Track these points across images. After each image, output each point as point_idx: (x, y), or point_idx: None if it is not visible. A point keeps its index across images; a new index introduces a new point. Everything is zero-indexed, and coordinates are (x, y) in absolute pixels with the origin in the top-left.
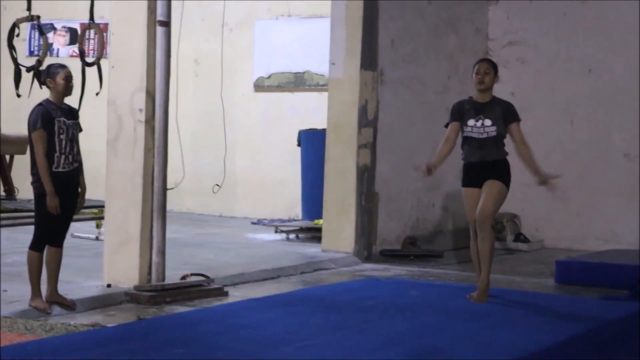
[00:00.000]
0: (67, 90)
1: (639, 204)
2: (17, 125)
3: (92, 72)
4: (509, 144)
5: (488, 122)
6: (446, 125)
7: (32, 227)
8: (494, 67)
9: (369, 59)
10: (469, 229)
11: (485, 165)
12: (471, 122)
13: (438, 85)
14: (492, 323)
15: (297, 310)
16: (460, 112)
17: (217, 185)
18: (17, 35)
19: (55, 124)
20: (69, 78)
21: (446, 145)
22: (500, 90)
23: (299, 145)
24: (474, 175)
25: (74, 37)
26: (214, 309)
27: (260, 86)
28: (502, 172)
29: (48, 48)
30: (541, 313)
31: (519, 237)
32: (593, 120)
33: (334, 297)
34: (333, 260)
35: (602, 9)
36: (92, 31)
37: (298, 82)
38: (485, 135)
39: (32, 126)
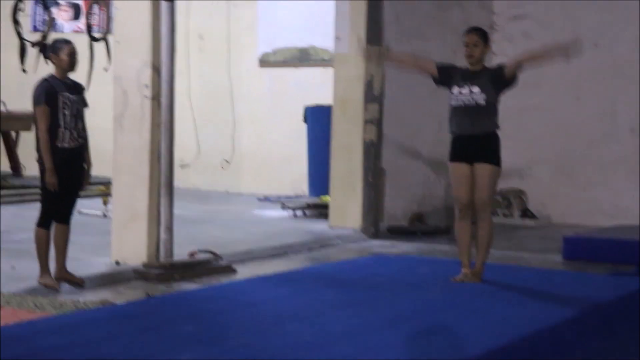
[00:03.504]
0: (71, 66)
1: None
2: (23, 102)
3: (98, 47)
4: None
5: (476, 88)
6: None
7: (39, 204)
8: (483, 37)
9: (374, 34)
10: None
11: (475, 140)
12: (455, 89)
13: (444, 60)
14: (500, 299)
15: (305, 287)
16: (449, 73)
17: (226, 161)
18: (22, 10)
19: (59, 99)
20: (73, 54)
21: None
22: None
23: (304, 121)
24: (462, 150)
25: (78, 12)
26: (223, 286)
27: (265, 61)
28: (492, 151)
29: (52, 23)
30: (549, 289)
31: (526, 213)
32: (599, 95)
33: (342, 273)
34: (340, 237)
35: None
36: (97, 6)
37: (303, 57)
38: (473, 103)
39: (35, 101)
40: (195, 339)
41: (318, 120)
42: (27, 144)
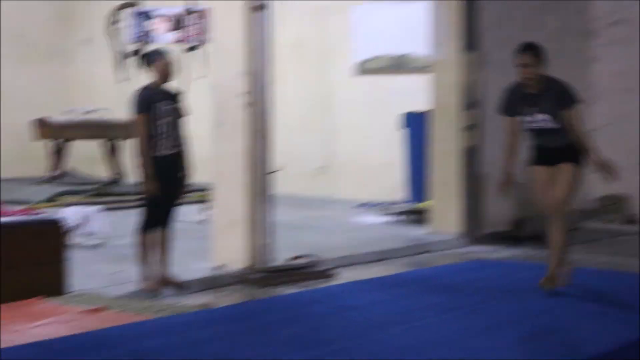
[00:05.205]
0: (168, 75)
1: None
2: (125, 110)
3: (195, 57)
4: None
5: (545, 116)
6: (500, 113)
7: (140, 210)
8: (537, 55)
9: (472, 40)
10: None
11: (556, 149)
12: (526, 118)
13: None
14: (607, 304)
15: (405, 291)
16: (512, 105)
17: (321, 167)
18: (118, 22)
19: (156, 108)
20: (169, 63)
21: (511, 143)
22: (604, 71)
23: (403, 127)
24: (543, 155)
25: (175, 23)
26: (322, 291)
27: (362, 69)
28: (575, 153)
29: (149, 34)
30: None
31: (629, 218)
32: None
33: (442, 278)
34: (440, 243)
35: None
36: (194, 16)
37: (400, 64)
38: (546, 126)
39: (134, 110)
40: (295, 343)
41: (416, 126)
42: (129, 152)
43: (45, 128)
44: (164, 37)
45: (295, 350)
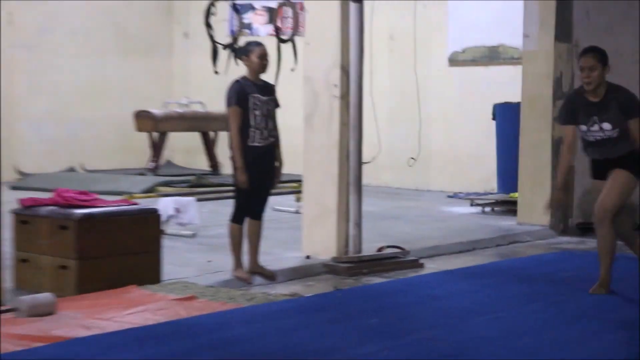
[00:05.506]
0: (262, 67)
1: None
2: (221, 102)
3: (288, 49)
4: None
5: (607, 125)
6: (560, 122)
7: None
8: (600, 59)
9: (563, 30)
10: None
11: (612, 161)
12: (583, 127)
13: (635, 56)
14: None
15: (491, 282)
16: (573, 114)
17: (412, 158)
18: (214, 14)
19: (250, 100)
20: (263, 55)
21: (567, 153)
22: None
23: (493, 118)
24: (601, 170)
25: (273, 16)
26: (409, 280)
27: (454, 60)
28: (630, 162)
29: (243, 26)
30: None
31: None
32: None
33: (529, 269)
34: (528, 233)
35: None
36: (289, 9)
37: (492, 55)
38: (605, 137)
39: (227, 102)
40: (381, 331)
41: (507, 117)
42: (225, 144)
43: (145, 120)
44: (259, 30)
45: (380, 339)
